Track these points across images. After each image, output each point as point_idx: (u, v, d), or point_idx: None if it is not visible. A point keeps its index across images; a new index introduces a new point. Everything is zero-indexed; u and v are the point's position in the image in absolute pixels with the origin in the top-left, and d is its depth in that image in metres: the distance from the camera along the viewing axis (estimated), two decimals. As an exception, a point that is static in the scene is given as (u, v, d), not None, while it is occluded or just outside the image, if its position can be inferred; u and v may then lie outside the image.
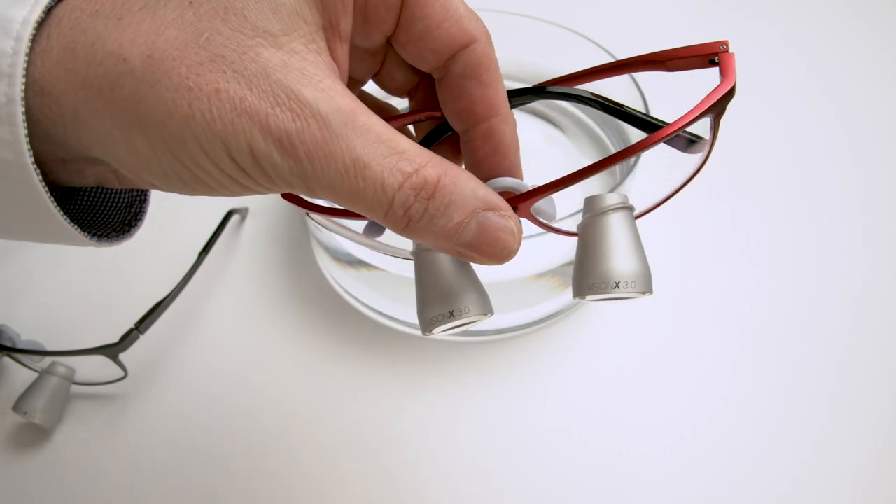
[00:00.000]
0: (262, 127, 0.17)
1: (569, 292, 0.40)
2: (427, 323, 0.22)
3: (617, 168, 0.44)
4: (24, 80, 0.17)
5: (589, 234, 0.22)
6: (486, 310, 0.22)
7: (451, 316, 0.21)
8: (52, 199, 0.18)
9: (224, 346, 0.40)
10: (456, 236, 0.18)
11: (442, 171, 0.18)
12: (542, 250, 0.37)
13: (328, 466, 0.35)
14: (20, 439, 0.36)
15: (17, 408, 0.35)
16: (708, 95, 0.21)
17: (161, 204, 0.47)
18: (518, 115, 0.47)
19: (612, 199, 0.21)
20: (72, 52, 0.17)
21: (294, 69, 0.17)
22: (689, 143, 0.24)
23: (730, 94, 0.21)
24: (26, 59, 0.17)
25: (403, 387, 0.38)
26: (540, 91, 0.25)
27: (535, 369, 0.38)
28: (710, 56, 0.22)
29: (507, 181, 0.22)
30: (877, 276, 0.42)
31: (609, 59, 0.43)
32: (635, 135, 0.42)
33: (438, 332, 0.22)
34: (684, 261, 0.43)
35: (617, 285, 0.20)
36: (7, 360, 0.38)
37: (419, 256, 0.22)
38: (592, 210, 0.22)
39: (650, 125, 0.24)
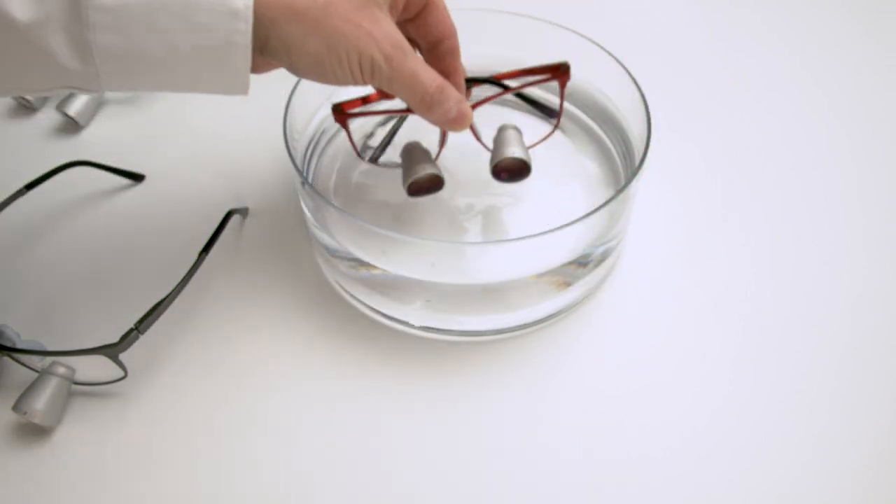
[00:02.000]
0: (379, 48, 0.32)
1: (569, 292, 0.40)
2: (409, 177, 0.39)
3: (622, 171, 0.44)
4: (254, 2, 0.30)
5: (498, 139, 0.41)
6: (441, 174, 0.40)
7: (424, 170, 0.39)
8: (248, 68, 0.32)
9: (224, 346, 0.40)
10: (449, 114, 0.35)
11: (445, 82, 0.35)
12: (542, 250, 0.37)
13: (327, 466, 0.35)
14: (20, 439, 0.36)
15: (17, 408, 0.35)
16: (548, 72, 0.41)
17: (161, 204, 0.47)
18: (521, 117, 0.48)
19: (509, 124, 0.41)
20: None
21: (388, 21, 0.33)
22: (548, 111, 0.46)
23: (566, 73, 0.41)
24: None
25: (403, 386, 0.38)
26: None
27: (535, 369, 0.39)
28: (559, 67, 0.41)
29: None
30: (877, 276, 0.42)
31: (608, 59, 0.43)
32: (635, 134, 0.42)
33: (415, 183, 0.39)
34: (684, 260, 0.43)
35: (513, 153, 0.40)
36: (7, 360, 0.38)
37: (405, 150, 0.41)
38: (500, 129, 0.41)
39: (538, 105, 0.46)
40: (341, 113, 0.40)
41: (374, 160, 0.42)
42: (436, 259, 0.37)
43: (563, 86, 0.41)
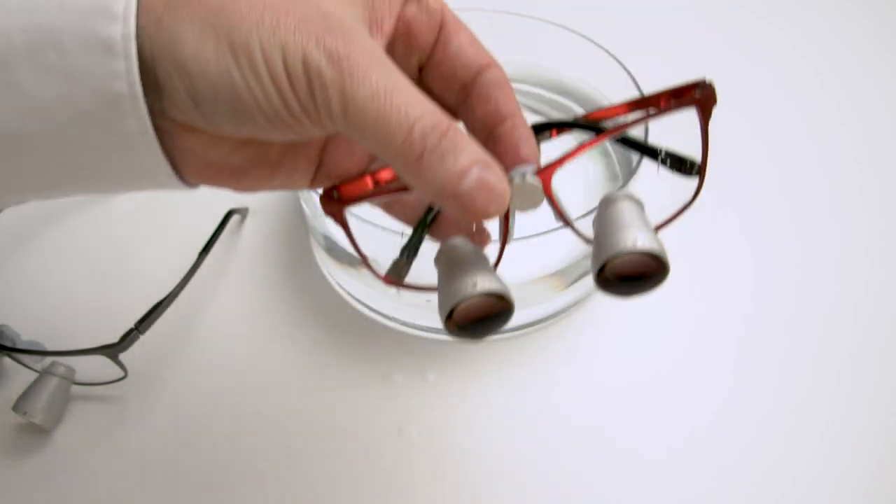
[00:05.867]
0: (318, 41, 0.20)
1: (568, 293, 0.40)
2: (451, 296, 0.22)
3: (620, 171, 0.44)
4: (136, 19, 0.19)
5: (604, 221, 0.24)
6: (509, 295, 0.23)
7: (475, 286, 0.22)
8: (154, 131, 0.21)
9: (224, 346, 0.40)
10: (459, 181, 0.20)
11: (451, 121, 0.21)
12: (542, 251, 0.37)
13: (328, 466, 0.35)
14: (20, 439, 0.36)
15: (17, 408, 0.35)
16: (687, 98, 0.24)
17: (162, 204, 0.47)
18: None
19: (624, 192, 0.24)
20: None
21: (347, 21, 0.21)
22: (684, 164, 0.28)
23: (709, 98, 0.23)
24: (136, 3, 0.19)
25: (403, 387, 0.38)
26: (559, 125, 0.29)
27: (536, 369, 0.38)
28: (693, 89, 0.24)
29: (531, 167, 0.23)
30: (881, 276, 0.42)
31: (609, 60, 0.43)
32: (634, 134, 0.42)
33: (462, 306, 0.22)
34: (685, 260, 0.43)
35: (635, 243, 0.22)
36: (7, 360, 0.38)
37: (443, 255, 0.24)
38: (606, 203, 0.24)
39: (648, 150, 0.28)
40: (332, 199, 0.24)
41: (395, 279, 0.27)
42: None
43: (706, 117, 0.24)
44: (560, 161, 0.22)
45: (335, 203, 0.24)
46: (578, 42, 0.44)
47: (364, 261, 0.26)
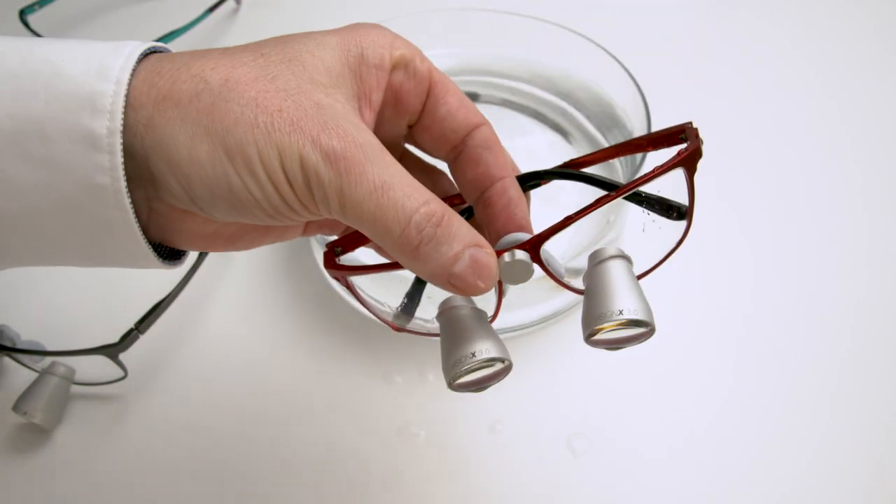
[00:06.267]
0: (314, 141, 0.20)
1: (568, 292, 0.40)
2: (453, 365, 0.23)
3: (621, 171, 0.44)
4: (123, 115, 0.19)
5: (594, 280, 0.24)
6: (506, 356, 0.24)
7: (474, 356, 0.23)
8: (137, 220, 0.21)
9: (224, 346, 0.40)
10: (452, 265, 0.21)
11: (444, 207, 0.21)
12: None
13: (328, 467, 0.35)
14: (20, 439, 0.36)
15: (17, 408, 0.35)
16: (672, 158, 0.24)
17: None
18: (523, 120, 0.48)
19: (611, 250, 0.25)
20: (158, 73, 0.20)
21: (339, 110, 0.21)
22: (672, 210, 0.28)
23: (694, 154, 0.25)
24: (125, 99, 0.20)
25: (404, 388, 0.38)
26: (547, 174, 0.28)
27: (535, 370, 0.38)
28: (679, 134, 0.26)
29: (522, 235, 0.25)
30: (881, 276, 0.42)
31: (608, 59, 0.43)
32: (635, 134, 0.42)
33: (463, 377, 0.23)
34: (685, 260, 0.43)
35: (621, 312, 0.23)
36: (7, 360, 0.38)
37: (443, 316, 0.25)
38: (595, 260, 0.25)
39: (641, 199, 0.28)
40: (336, 264, 0.25)
41: (400, 326, 0.28)
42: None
43: (691, 173, 0.26)
44: (549, 234, 0.23)
45: (339, 269, 0.25)
46: (578, 42, 0.44)
47: (375, 315, 0.27)
